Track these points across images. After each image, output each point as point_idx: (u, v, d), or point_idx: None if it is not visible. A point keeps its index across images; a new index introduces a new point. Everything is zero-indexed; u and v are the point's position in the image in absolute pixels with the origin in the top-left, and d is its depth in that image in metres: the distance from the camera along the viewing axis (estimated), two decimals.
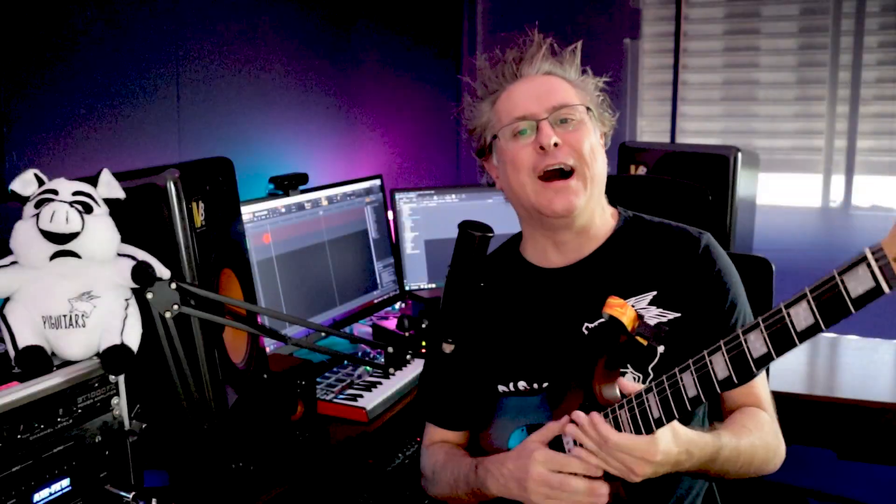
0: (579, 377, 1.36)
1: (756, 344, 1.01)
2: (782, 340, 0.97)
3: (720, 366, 1.08)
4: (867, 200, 3.33)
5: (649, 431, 1.20)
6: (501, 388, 1.54)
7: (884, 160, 3.29)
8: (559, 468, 1.29)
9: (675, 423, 1.23)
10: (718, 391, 1.10)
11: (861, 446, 2.23)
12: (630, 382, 1.28)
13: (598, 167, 1.46)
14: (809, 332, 0.93)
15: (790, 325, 0.95)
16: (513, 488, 1.35)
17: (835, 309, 0.89)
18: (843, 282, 0.87)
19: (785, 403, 1.51)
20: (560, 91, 1.47)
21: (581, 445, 1.28)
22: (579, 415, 1.26)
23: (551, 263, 1.54)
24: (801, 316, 0.93)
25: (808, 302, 0.91)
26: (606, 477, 1.28)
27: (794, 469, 1.47)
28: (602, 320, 1.34)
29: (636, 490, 1.30)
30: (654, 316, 1.43)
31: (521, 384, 1.52)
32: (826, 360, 2.73)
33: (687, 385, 1.14)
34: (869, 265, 0.84)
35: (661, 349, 1.42)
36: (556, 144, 1.41)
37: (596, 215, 1.51)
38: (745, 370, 1.04)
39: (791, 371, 2.44)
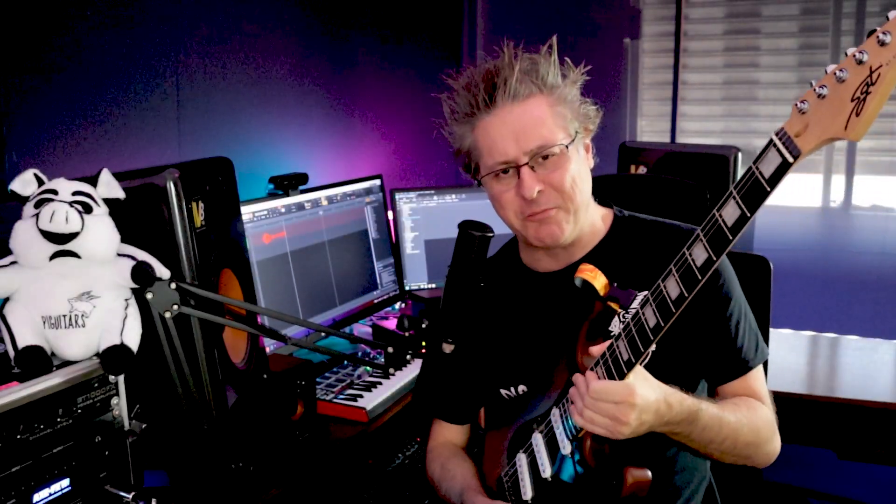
0: (565, 353, 1.37)
1: (697, 252, 1.09)
2: (719, 241, 1.06)
3: (672, 286, 1.14)
4: (867, 200, 3.33)
5: (622, 378, 1.22)
6: (503, 391, 1.55)
7: (884, 160, 3.29)
8: None
9: (647, 374, 1.25)
10: (674, 311, 1.14)
11: (861, 446, 2.23)
12: (599, 346, 1.28)
13: (582, 193, 1.45)
14: (739, 225, 1.03)
15: (723, 225, 1.04)
16: None
17: (755, 194, 1.00)
18: (757, 168, 1.00)
19: (785, 403, 1.51)
20: (538, 125, 1.41)
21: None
22: (577, 377, 1.27)
23: (545, 268, 1.56)
24: (730, 213, 1.03)
25: (734, 197, 1.03)
26: (595, 440, 1.29)
27: (794, 469, 1.47)
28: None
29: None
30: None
31: (521, 388, 1.53)
32: (826, 360, 2.73)
33: (647, 317, 1.17)
34: (775, 145, 0.98)
35: (652, 348, 1.42)
36: (538, 191, 1.41)
37: (585, 226, 1.50)
38: (691, 280, 1.11)
39: (791, 371, 2.44)
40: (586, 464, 1.31)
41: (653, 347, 1.18)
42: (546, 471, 1.37)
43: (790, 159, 0.97)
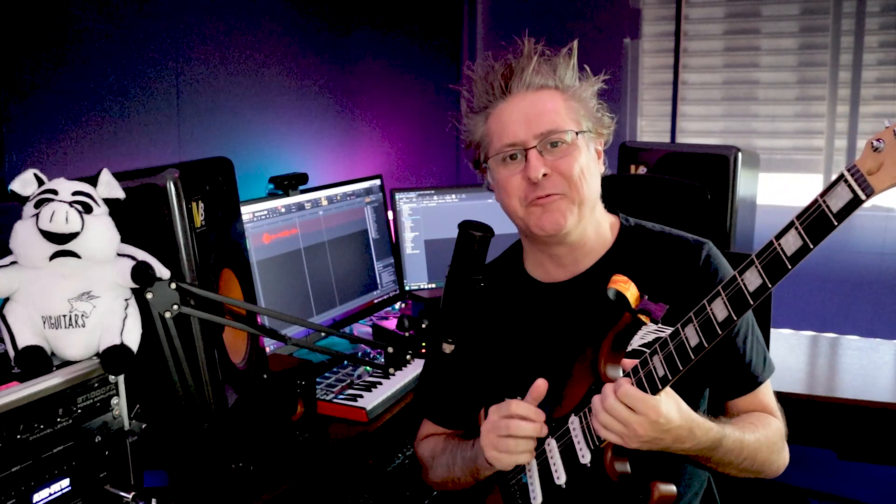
0: (587, 360, 1.36)
1: (751, 278, 1.08)
2: (776, 268, 1.05)
3: (719, 308, 1.12)
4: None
5: (655, 393, 1.21)
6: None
7: None
8: (507, 413, 1.35)
9: (679, 398, 1.24)
10: (720, 332, 1.13)
11: (861, 446, 2.23)
12: (631, 360, 1.28)
13: (589, 187, 1.44)
14: (800, 255, 1.02)
15: (782, 253, 1.04)
16: (482, 450, 1.38)
17: (820, 227, 0.99)
18: (824, 201, 0.99)
19: (785, 403, 1.51)
20: (550, 113, 1.43)
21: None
22: (607, 386, 1.26)
23: (550, 278, 1.54)
24: (791, 242, 1.03)
25: (796, 228, 1.02)
26: (616, 452, 1.28)
27: (794, 469, 1.47)
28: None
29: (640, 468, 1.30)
30: (651, 332, 1.40)
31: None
32: (826, 360, 2.73)
33: (689, 336, 1.17)
34: (846, 181, 0.97)
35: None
36: (544, 175, 1.40)
37: (590, 230, 1.49)
38: (742, 305, 1.10)
39: (791, 371, 2.44)
40: (605, 475, 1.30)
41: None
42: (560, 478, 1.36)
43: (862, 197, 0.96)
